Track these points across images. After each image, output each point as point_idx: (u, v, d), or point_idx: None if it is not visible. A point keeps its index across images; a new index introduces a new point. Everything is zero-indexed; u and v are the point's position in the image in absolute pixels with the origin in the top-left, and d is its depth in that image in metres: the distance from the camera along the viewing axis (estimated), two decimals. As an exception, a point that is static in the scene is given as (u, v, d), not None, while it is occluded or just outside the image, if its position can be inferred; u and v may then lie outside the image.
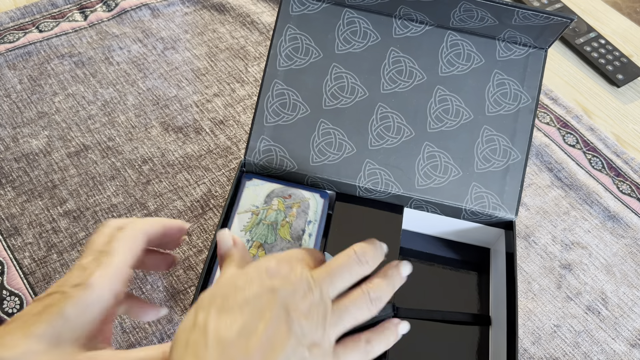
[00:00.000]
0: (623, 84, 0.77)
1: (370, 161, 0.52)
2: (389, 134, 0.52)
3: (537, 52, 0.53)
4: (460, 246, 0.57)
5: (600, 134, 0.70)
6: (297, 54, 0.53)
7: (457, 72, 0.53)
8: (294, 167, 0.53)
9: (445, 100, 0.53)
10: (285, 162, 0.53)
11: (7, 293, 0.50)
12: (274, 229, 0.50)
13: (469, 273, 0.55)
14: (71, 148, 0.61)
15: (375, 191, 0.53)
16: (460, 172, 0.52)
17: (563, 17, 0.48)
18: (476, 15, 0.50)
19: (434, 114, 0.53)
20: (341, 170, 0.53)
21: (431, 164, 0.52)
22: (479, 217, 0.53)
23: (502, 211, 0.52)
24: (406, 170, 0.53)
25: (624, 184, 0.66)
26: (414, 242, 0.56)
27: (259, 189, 0.52)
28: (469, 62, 0.53)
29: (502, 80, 0.53)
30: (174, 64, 0.71)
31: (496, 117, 0.53)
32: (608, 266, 0.59)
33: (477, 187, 0.52)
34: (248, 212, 0.50)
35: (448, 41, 0.53)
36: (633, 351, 0.53)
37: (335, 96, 0.53)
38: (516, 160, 0.53)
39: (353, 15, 0.53)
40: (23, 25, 0.71)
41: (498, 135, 0.53)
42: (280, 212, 0.51)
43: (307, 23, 0.53)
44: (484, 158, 0.53)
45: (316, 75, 0.53)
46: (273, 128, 0.52)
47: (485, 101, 0.53)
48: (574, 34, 0.82)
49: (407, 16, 0.53)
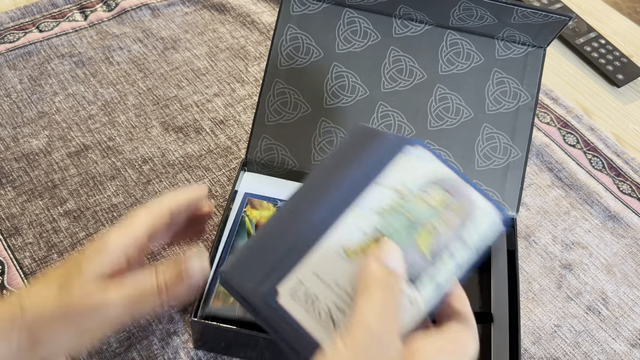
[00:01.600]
0: (623, 84, 0.77)
1: None
2: None
3: (536, 51, 0.53)
4: None
5: (601, 134, 0.70)
6: (298, 53, 0.53)
7: (457, 70, 0.53)
8: (296, 165, 0.53)
9: (446, 99, 0.53)
10: (286, 160, 0.53)
11: (8, 293, 0.50)
12: (413, 231, 0.34)
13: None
14: (71, 148, 0.61)
15: None
16: (461, 171, 0.52)
17: (562, 15, 0.48)
18: (475, 14, 0.50)
19: (434, 112, 0.53)
20: None
21: None
22: None
23: (503, 209, 0.52)
24: None
25: (624, 183, 0.66)
26: None
27: (421, 163, 0.35)
28: (469, 61, 0.53)
29: (502, 78, 0.53)
30: (174, 64, 0.71)
31: (496, 115, 0.53)
32: (608, 266, 0.59)
33: (478, 185, 0.52)
34: (391, 190, 0.34)
35: (448, 40, 0.53)
36: (633, 351, 0.53)
37: (336, 95, 0.53)
38: (516, 157, 0.53)
39: (353, 15, 0.53)
40: (23, 25, 0.71)
41: (498, 133, 0.53)
42: (434, 210, 0.34)
43: (308, 23, 0.53)
44: (485, 156, 0.53)
45: (317, 74, 0.53)
46: (274, 127, 0.53)
47: (485, 99, 0.53)
48: (574, 34, 0.82)
49: (406, 16, 0.53)
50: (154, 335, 0.49)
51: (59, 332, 0.35)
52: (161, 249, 0.54)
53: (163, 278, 0.36)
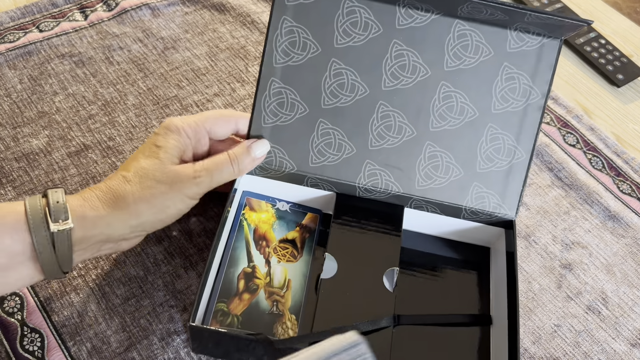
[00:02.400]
0: (623, 84, 0.77)
1: (370, 162, 0.52)
2: (389, 133, 0.52)
3: (552, 42, 0.49)
4: (461, 246, 0.57)
5: (601, 134, 0.70)
6: (294, 49, 0.50)
7: (463, 66, 0.50)
8: (294, 168, 0.52)
9: (450, 97, 0.51)
10: (284, 163, 0.52)
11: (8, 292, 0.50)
12: None
13: (469, 273, 0.55)
14: (71, 148, 0.61)
15: (375, 191, 0.53)
16: (462, 172, 0.52)
17: (580, 21, 0.45)
18: (485, 12, 0.48)
19: (437, 112, 0.51)
20: (341, 171, 0.52)
21: (432, 164, 0.52)
22: (479, 216, 0.53)
23: (502, 210, 0.52)
24: (407, 171, 0.52)
25: (624, 183, 0.66)
26: (415, 242, 0.56)
27: None
28: (477, 55, 0.50)
29: (512, 74, 0.50)
30: (174, 64, 0.71)
31: (502, 114, 0.51)
32: (608, 266, 0.59)
33: (478, 187, 0.52)
34: None
35: (455, 31, 0.50)
36: (633, 351, 0.53)
37: (334, 94, 0.51)
38: (520, 159, 0.51)
39: (353, 4, 0.50)
40: (23, 24, 0.71)
41: (503, 133, 0.51)
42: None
43: (304, 14, 0.50)
44: (487, 158, 0.51)
45: (314, 72, 0.51)
46: (271, 129, 0.51)
47: (492, 97, 0.51)
48: (574, 34, 0.82)
49: (411, 4, 0.49)
50: (154, 335, 0.49)
51: (148, 209, 0.45)
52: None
53: (234, 152, 0.49)
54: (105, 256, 0.53)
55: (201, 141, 0.50)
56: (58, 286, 0.51)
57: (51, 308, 0.50)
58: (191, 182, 0.46)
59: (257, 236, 0.53)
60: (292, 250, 0.53)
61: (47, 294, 0.50)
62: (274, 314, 0.49)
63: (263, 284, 0.50)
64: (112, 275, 0.52)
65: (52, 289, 0.51)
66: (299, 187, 0.54)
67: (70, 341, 0.48)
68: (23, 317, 0.49)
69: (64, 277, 0.46)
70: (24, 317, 0.49)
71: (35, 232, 0.41)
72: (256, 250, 0.52)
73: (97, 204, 0.43)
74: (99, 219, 0.43)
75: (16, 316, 0.49)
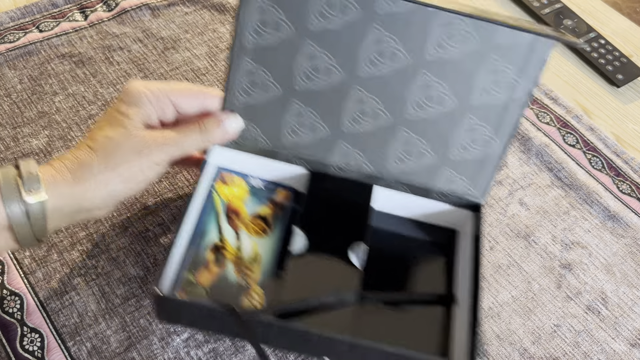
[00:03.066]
0: (623, 84, 0.77)
1: (344, 143, 0.52)
2: (364, 118, 0.51)
3: (546, 39, 0.46)
4: (430, 228, 0.57)
5: (600, 134, 0.70)
6: (265, 28, 0.48)
7: (446, 55, 0.47)
8: (268, 145, 0.53)
9: (430, 87, 0.49)
10: (258, 140, 0.53)
11: (8, 292, 0.50)
12: None
13: (437, 255, 0.55)
14: (71, 147, 0.61)
15: (348, 170, 0.54)
16: (435, 158, 0.52)
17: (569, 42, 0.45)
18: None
19: (415, 100, 0.49)
20: (314, 150, 0.53)
21: (406, 149, 0.52)
22: (449, 197, 0.54)
23: (471, 193, 0.53)
24: (380, 154, 0.52)
25: (624, 183, 0.66)
26: (385, 223, 0.56)
27: None
28: (463, 45, 0.47)
29: (498, 67, 0.47)
30: (174, 64, 0.71)
31: (483, 106, 0.49)
32: (608, 266, 0.59)
33: (449, 172, 0.52)
34: None
35: (442, 20, 0.46)
36: (633, 351, 0.53)
37: (308, 77, 0.49)
38: (495, 149, 0.51)
39: None
40: (23, 25, 0.71)
41: (482, 125, 0.50)
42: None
43: None
44: (462, 147, 0.51)
45: (288, 53, 0.49)
46: (244, 108, 0.51)
47: (474, 89, 0.48)
48: (573, 34, 0.82)
49: None
50: (154, 335, 0.49)
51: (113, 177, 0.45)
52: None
53: (204, 122, 0.49)
54: (105, 256, 0.53)
55: (165, 110, 0.49)
56: (58, 286, 0.51)
57: (51, 308, 0.50)
58: (158, 148, 0.46)
59: (228, 210, 0.54)
60: (263, 225, 0.53)
61: (47, 294, 0.51)
62: (242, 287, 0.49)
63: (232, 257, 0.51)
64: (112, 275, 0.52)
65: (52, 289, 0.51)
66: (273, 165, 0.54)
67: (70, 341, 0.48)
68: (23, 317, 0.49)
69: (39, 245, 0.49)
70: (24, 317, 0.49)
71: (8, 204, 0.41)
72: (227, 224, 0.53)
73: (67, 175, 0.44)
74: (70, 189, 0.43)
75: (16, 316, 0.49)
